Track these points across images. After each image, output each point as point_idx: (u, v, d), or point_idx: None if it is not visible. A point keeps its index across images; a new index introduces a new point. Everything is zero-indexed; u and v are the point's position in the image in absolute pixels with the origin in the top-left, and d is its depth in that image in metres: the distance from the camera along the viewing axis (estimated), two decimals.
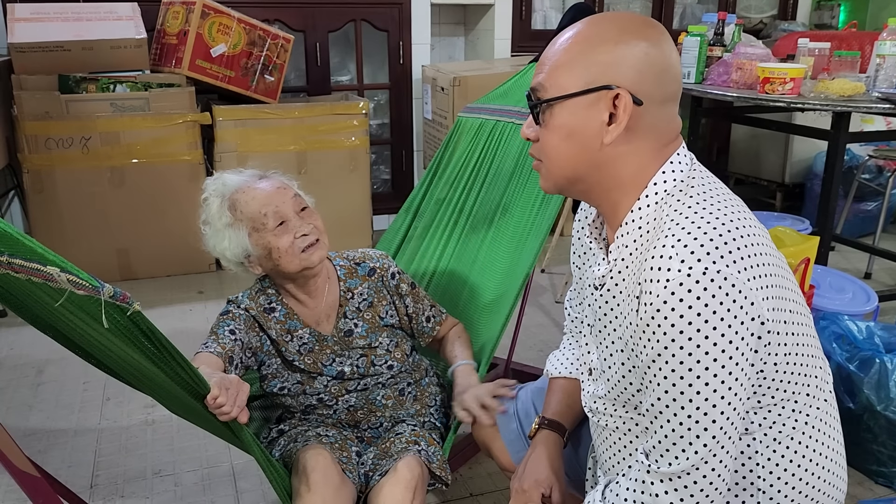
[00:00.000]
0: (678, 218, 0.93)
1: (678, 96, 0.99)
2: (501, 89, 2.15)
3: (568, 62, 0.96)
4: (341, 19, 3.86)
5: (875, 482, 1.96)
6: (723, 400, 0.90)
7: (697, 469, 0.93)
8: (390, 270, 1.56)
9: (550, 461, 1.25)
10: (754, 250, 0.92)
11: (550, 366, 1.37)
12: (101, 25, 3.13)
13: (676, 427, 0.92)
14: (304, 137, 3.43)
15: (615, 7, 4.48)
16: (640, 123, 0.95)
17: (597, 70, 0.94)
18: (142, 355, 1.00)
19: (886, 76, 2.56)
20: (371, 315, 1.52)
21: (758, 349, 0.92)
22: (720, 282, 0.86)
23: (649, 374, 0.93)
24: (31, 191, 3.10)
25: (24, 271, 0.91)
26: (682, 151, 1.01)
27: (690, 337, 0.87)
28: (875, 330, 2.04)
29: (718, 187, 1.00)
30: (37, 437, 2.15)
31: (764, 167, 4.39)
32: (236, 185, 1.44)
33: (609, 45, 0.94)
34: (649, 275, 0.90)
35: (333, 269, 1.54)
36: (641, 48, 0.94)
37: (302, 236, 1.41)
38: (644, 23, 0.97)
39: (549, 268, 3.53)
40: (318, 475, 1.30)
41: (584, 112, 0.96)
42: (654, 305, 0.89)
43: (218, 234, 1.43)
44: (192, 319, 2.94)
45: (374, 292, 1.54)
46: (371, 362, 1.50)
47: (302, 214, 1.43)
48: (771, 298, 0.92)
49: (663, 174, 0.98)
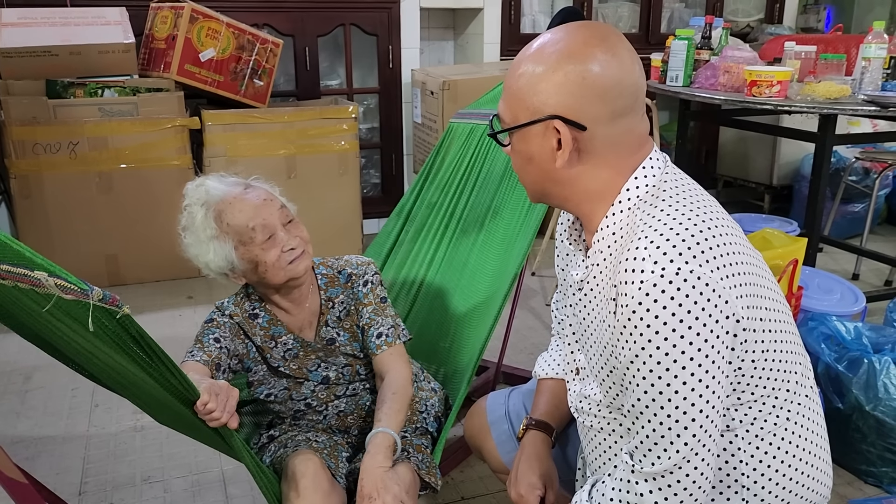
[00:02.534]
0: (650, 220, 0.94)
1: (634, 107, 0.98)
2: (491, 94, 2.16)
3: (516, 93, 0.99)
4: (330, 23, 3.86)
5: (865, 482, 1.97)
6: (701, 398, 0.91)
7: (680, 468, 0.94)
8: (364, 278, 1.51)
9: (540, 462, 1.26)
10: (727, 249, 0.93)
11: (539, 367, 1.38)
12: (89, 30, 3.12)
13: (657, 427, 0.93)
14: (294, 142, 3.42)
15: (603, 11, 4.50)
16: (592, 144, 0.97)
17: (538, 101, 0.96)
18: (130, 361, 0.99)
19: (872, 79, 2.58)
20: (349, 324, 1.49)
21: (734, 347, 0.94)
22: (693, 281, 0.88)
23: (628, 376, 0.94)
24: (19, 196, 3.07)
25: (11, 277, 0.90)
26: (653, 156, 1.01)
27: (666, 337, 0.88)
28: (863, 330, 2.05)
29: (691, 188, 1.01)
30: (24, 444, 2.13)
31: (752, 169, 4.42)
32: (221, 194, 1.39)
33: (548, 73, 0.95)
34: (624, 276, 0.92)
35: (315, 277, 1.51)
36: (578, 73, 0.94)
37: (289, 250, 1.38)
38: (585, 42, 0.95)
39: (539, 271, 3.54)
40: (308, 481, 1.29)
41: (536, 140, 0.99)
42: (630, 307, 0.90)
43: (202, 245, 1.38)
44: (182, 325, 2.92)
45: (351, 300, 1.50)
46: (356, 371, 1.49)
47: (288, 227, 1.41)
48: (746, 297, 0.93)
49: (635, 180, 0.99)
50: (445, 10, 4.22)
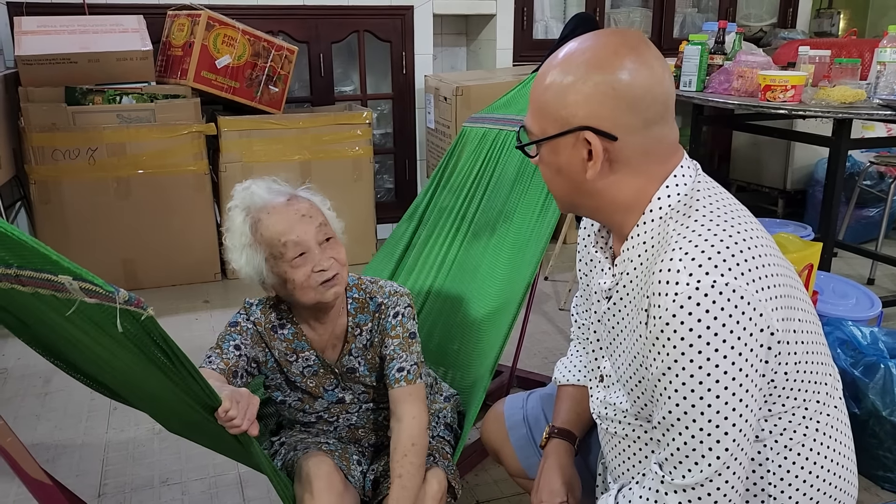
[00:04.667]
0: (684, 231, 0.93)
1: (665, 115, 0.97)
2: (504, 99, 2.17)
3: (544, 106, 0.98)
4: (344, 30, 3.89)
5: (881, 487, 1.96)
6: (734, 412, 0.90)
7: (711, 481, 0.93)
8: (395, 309, 1.43)
9: (563, 471, 1.25)
10: (762, 261, 0.92)
11: (558, 373, 1.37)
12: (108, 38, 3.16)
13: (689, 440, 0.92)
14: (309, 147, 3.45)
15: (616, 17, 4.51)
16: (623, 154, 0.96)
17: (567, 113, 0.95)
18: (151, 365, 0.98)
19: (887, 83, 2.57)
20: (371, 355, 1.45)
21: (768, 360, 0.92)
22: (729, 294, 0.87)
23: (660, 387, 0.93)
24: (38, 202, 3.12)
25: (32, 283, 0.90)
26: (684, 164, 1.00)
27: (700, 350, 0.87)
28: (879, 335, 2.04)
29: (724, 198, 1.00)
30: (44, 447, 2.15)
31: (765, 174, 4.40)
32: (263, 202, 1.34)
33: (577, 84, 0.94)
34: (657, 288, 0.91)
35: (346, 299, 1.44)
36: (608, 83, 0.93)
37: (320, 271, 1.31)
38: (615, 52, 0.94)
39: (553, 275, 3.54)
40: (322, 482, 1.29)
41: (566, 151, 0.98)
42: (664, 319, 0.89)
43: (236, 251, 1.36)
44: (198, 329, 2.95)
45: (377, 329, 1.44)
46: (372, 398, 1.47)
47: (324, 246, 1.34)
48: (780, 308, 0.92)
49: (666, 189, 0.98)
50: (458, 16, 4.25)
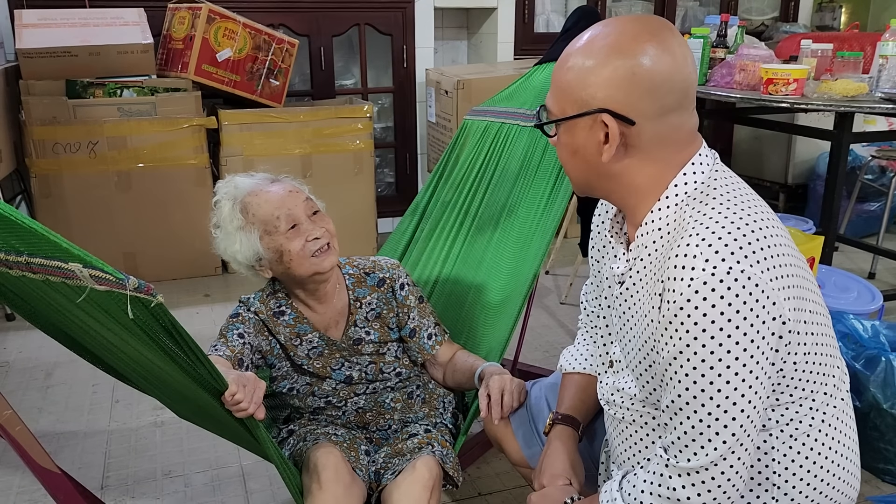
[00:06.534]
0: (702, 218, 0.94)
1: (684, 103, 0.97)
2: (507, 92, 2.17)
3: (565, 86, 0.99)
4: (345, 23, 3.88)
5: (882, 480, 1.97)
6: (743, 398, 0.91)
7: (716, 465, 0.94)
8: (399, 281, 1.54)
9: (567, 455, 1.26)
10: (777, 251, 0.93)
11: (564, 361, 1.38)
12: (108, 31, 3.16)
13: (696, 424, 0.93)
14: (309, 141, 3.45)
15: (617, 10, 4.50)
16: (640, 139, 0.96)
17: (587, 94, 0.96)
18: (160, 351, 1.00)
19: (889, 76, 2.57)
20: (379, 325, 1.52)
21: (778, 348, 0.93)
22: (744, 281, 0.88)
23: (670, 371, 0.94)
24: (39, 195, 3.12)
25: (43, 270, 0.92)
26: (703, 152, 1.01)
27: (713, 335, 0.88)
28: (880, 329, 2.05)
29: (741, 188, 1.01)
30: (47, 440, 2.16)
31: (767, 168, 4.40)
32: (248, 188, 1.44)
33: (598, 67, 0.95)
34: (673, 273, 0.91)
35: (342, 276, 1.53)
36: (628, 67, 0.93)
37: (314, 240, 1.40)
38: (636, 37, 0.94)
39: (554, 269, 3.55)
40: (330, 473, 1.31)
41: (583, 133, 0.99)
42: (678, 303, 0.90)
43: (229, 237, 1.42)
44: (199, 322, 2.95)
45: (383, 303, 1.52)
46: (380, 369, 1.51)
47: (314, 218, 1.43)
48: (792, 298, 0.93)
49: (683, 176, 0.99)
50: (459, 9, 4.24)
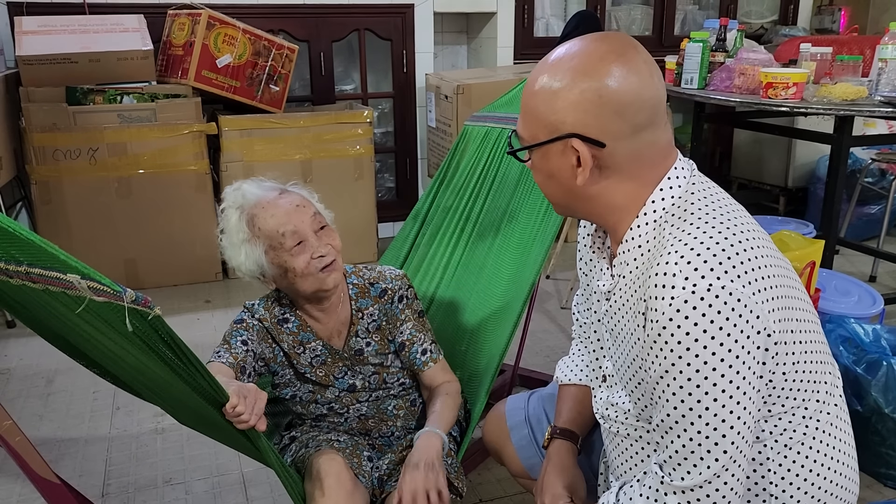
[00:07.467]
0: (679, 234, 0.93)
1: (655, 119, 0.96)
2: (507, 97, 2.17)
3: (533, 111, 0.98)
4: (345, 29, 3.89)
5: (884, 485, 1.96)
6: (732, 415, 0.90)
7: (710, 483, 0.93)
8: (399, 293, 1.51)
9: (566, 472, 1.25)
10: (758, 262, 0.92)
11: (560, 373, 1.37)
12: (108, 37, 3.16)
13: (687, 442, 0.92)
14: (310, 146, 3.45)
15: (616, 14, 4.51)
16: (613, 159, 0.95)
17: (556, 119, 0.95)
18: (160, 362, 1.00)
19: (889, 80, 2.57)
20: (380, 337, 1.50)
21: (765, 361, 0.93)
22: (725, 297, 0.87)
23: (657, 390, 0.94)
24: (39, 202, 3.12)
25: (42, 280, 0.92)
26: (678, 165, 1.00)
27: (697, 354, 0.88)
28: (882, 333, 2.04)
29: (720, 198, 1.00)
30: (48, 447, 2.16)
31: (767, 172, 4.40)
32: (256, 198, 1.41)
33: (564, 91, 0.94)
34: (653, 292, 0.91)
35: (346, 286, 1.51)
36: (595, 90, 0.92)
37: (319, 257, 1.38)
38: (602, 58, 0.93)
39: (554, 274, 3.54)
40: (332, 480, 1.30)
41: (556, 157, 0.98)
42: (660, 323, 0.89)
43: (234, 248, 1.41)
44: (200, 328, 2.95)
45: (384, 314, 1.51)
46: (383, 379, 1.50)
47: (320, 234, 1.41)
48: (777, 310, 0.92)
49: (661, 192, 0.98)
50: (459, 14, 4.24)
